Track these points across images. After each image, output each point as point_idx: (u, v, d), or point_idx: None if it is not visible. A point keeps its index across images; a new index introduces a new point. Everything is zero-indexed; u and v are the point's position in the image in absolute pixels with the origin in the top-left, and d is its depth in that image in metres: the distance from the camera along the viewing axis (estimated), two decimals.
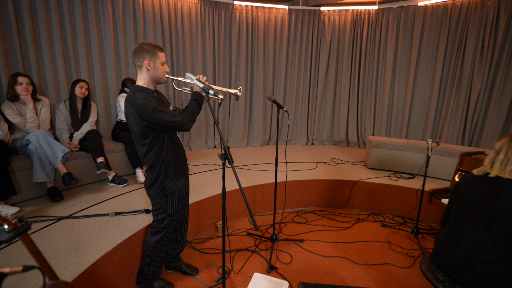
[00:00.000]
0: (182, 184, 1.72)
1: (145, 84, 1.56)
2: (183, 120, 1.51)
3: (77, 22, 3.12)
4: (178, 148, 1.68)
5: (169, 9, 3.86)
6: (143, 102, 1.43)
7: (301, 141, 4.95)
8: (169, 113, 1.48)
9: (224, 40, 4.35)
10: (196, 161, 3.78)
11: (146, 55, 1.50)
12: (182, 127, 1.52)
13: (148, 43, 1.52)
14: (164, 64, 1.59)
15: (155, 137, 1.55)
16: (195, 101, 1.63)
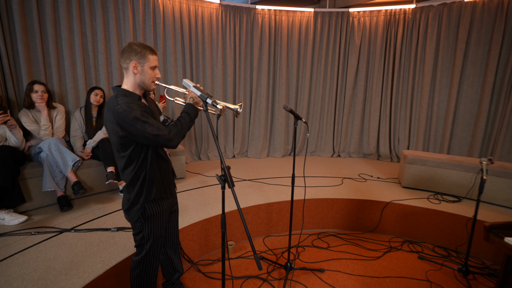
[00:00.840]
0: (166, 206, 1.49)
1: (131, 89, 1.36)
2: (169, 135, 1.29)
3: (98, 30, 3.14)
4: (164, 163, 1.46)
5: (190, 15, 3.78)
6: (123, 109, 1.22)
7: (326, 152, 4.58)
8: (154, 125, 1.26)
9: (245, 46, 4.19)
10: (212, 172, 3.60)
11: (133, 57, 1.31)
12: (167, 143, 1.30)
13: (139, 43, 1.33)
14: (155, 69, 1.38)
15: (136, 149, 1.34)
16: (187, 115, 1.39)
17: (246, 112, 4.44)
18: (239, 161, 4.20)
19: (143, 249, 1.45)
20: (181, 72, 3.83)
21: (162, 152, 1.46)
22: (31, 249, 1.84)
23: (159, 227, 1.47)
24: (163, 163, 1.46)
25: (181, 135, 1.36)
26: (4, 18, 2.60)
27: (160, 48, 3.63)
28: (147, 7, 3.45)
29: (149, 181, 1.39)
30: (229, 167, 1.22)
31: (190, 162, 4.06)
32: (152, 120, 1.29)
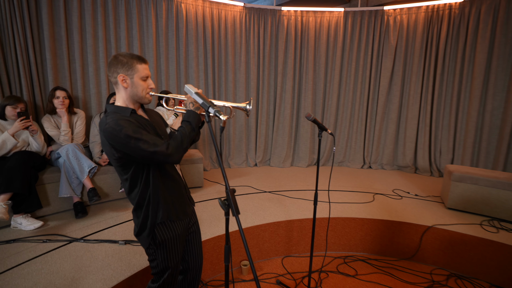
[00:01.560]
0: (180, 229, 1.30)
1: (125, 105, 1.22)
2: (168, 151, 1.12)
3: (122, 36, 3.15)
4: (171, 181, 1.29)
5: (213, 19, 3.70)
6: (112, 127, 1.08)
7: (355, 163, 4.20)
8: (149, 141, 1.10)
9: (269, 50, 4.01)
10: (232, 181, 3.44)
11: (120, 69, 1.16)
12: (167, 159, 1.13)
13: (125, 53, 1.18)
14: (147, 79, 1.22)
15: (137, 169, 1.20)
16: (187, 124, 1.21)
17: (269, 118, 4.23)
18: (260, 170, 3.99)
19: (160, 277, 1.28)
20: (202, 77, 3.75)
21: (170, 169, 1.28)
22: (37, 259, 1.79)
23: (174, 255, 1.29)
24: (169, 181, 1.27)
25: (182, 148, 1.17)
26: (34, 27, 2.68)
27: (182, 53, 3.58)
28: (170, 12, 3.42)
29: (153, 203, 1.22)
30: (234, 191, 1.01)
31: (210, 170, 3.94)
32: (147, 135, 1.12)
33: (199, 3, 3.57)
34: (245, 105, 1.36)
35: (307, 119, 1.67)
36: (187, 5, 3.51)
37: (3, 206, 2.00)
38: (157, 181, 1.22)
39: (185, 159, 3.08)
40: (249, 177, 3.65)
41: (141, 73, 1.18)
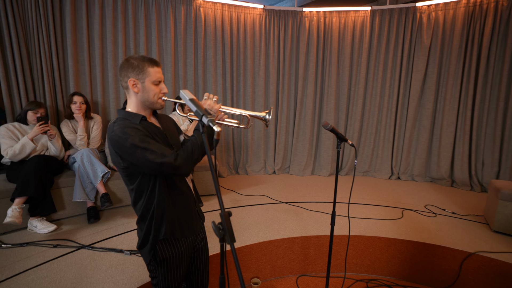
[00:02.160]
0: (185, 247, 1.19)
1: (136, 110, 1.14)
2: (176, 162, 1.02)
3: (141, 42, 3.17)
4: (178, 195, 1.18)
5: (232, 22, 3.62)
6: (118, 136, 1.01)
7: (382, 173, 3.87)
8: (157, 151, 1.02)
9: (290, 53, 3.84)
10: (248, 190, 3.29)
11: (131, 73, 1.08)
12: (175, 171, 1.04)
13: (138, 56, 1.11)
14: (160, 83, 1.13)
15: (144, 180, 1.11)
16: (199, 133, 1.12)
17: (289, 124, 4.05)
18: (279, 178, 3.81)
19: None
20: (220, 82, 3.67)
21: (179, 181, 1.17)
22: (44, 266, 1.77)
23: (175, 275, 1.18)
24: (178, 195, 1.17)
25: (192, 160, 1.07)
26: (58, 35, 2.76)
27: (200, 58, 3.53)
28: (189, 17, 3.39)
29: (157, 217, 1.13)
30: (230, 214, 0.86)
31: (227, 176, 3.83)
32: (155, 145, 1.03)
33: (218, 7, 3.51)
34: (264, 115, 1.25)
35: (324, 128, 1.49)
36: (206, 9, 3.47)
37: (17, 210, 2.02)
38: (163, 194, 1.13)
39: (199, 166, 3.00)
40: (266, 185, 3.48)
41: (153, 77, 1.10)
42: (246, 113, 1.29)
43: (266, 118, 1.28)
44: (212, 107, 1.18)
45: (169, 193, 1.15)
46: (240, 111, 1.29)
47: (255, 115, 1.30)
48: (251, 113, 1.29)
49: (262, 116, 1.28)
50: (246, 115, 1.28)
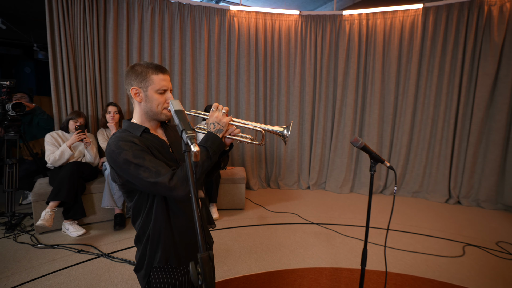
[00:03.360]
0: (183, 276, 1.04)
1: (140, 121, 1.05)
2: (170, 183, 0.90)
3: (175, 53, 3.25)
4: (179, 216, 1.04)
5: (266, 30, 3.52)
6: (111, 150, 0.93)
7: (436, 195, 3.29)
8: (151, 169, 0.91)
9: (328, 59, 3.58)
10: (277, 206, 3.07)
11: (134, 81, 1.00)
12: (169, 193, 0.91)
13: (145, 62, 1.02)
14: (165, 92, 1.02)
15: (141, 198, 1.01)
16: (203, 150, 0.98)
17: (326, 136, 3.74)
18: (313, 195, 3.50)
19: None
20: (253, 91, 3.57)
21: (180, 202, 1.04)
22: (63, 272, 1.80)
23: None
24: (179, 217, 1.03)
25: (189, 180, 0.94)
26: (102, 49, 2.96)
27: (233, 67, 3.49)
28: (223, 27, 3.39)
29: (153, 241, 1.01)
30: (210, 257, 0.69)
31: (258, 190, 3.66)
32: (150, 161, 0.92)
33: (252, 15, 3.45)
34: (281, 130, 1.06)
35: (354, 145, 1.23)
36: (240, 18, 3.43)
37: (49, 213, 2.13)
38: (160, 216, 1.00)
39: (226, 178, 2.89)
40: (298, 202, 3.22)
41: (157, 85, 1.00)
42: (260, 127, 1.11)
43: (284, 134, 1.08)
44: (220, 119, 1.03)
45: (168, 214, 1.02)
46: (254, 124, 1.11)
47: (271, 130, 1.11)
48: (266, 127, 1.11)
49: (279, 132, 1.09)
50: (260, 129, 1.10)
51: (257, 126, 1.11)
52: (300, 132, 3.75)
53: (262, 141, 1.14)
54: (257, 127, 1.11)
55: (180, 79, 3.30)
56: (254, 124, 1.12)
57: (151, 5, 3.05)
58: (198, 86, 3.41)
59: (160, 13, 3.11)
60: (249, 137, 1.14)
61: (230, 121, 1.07)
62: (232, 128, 1.09)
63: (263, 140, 1.14)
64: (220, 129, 1.03)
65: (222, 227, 2.50)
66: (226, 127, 1.05)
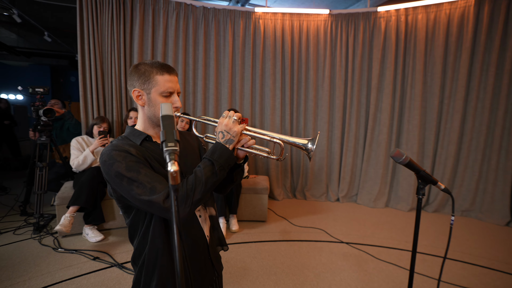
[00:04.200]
0: None
1: (143, 128, 0.93)
2: (166, 203, 0.76)
3: (199, 57, 3.19)
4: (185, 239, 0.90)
5: (293, 32, 3.34)
6: (104, 160, 0.81)
7: (494, 216, 2.80)
8: (145, 184, 0.77)
9: (361, 61, 3.28)
10: (303, 219, 2.82)
11: (136, 82, 0.87)
12: (166, 214, 0.78)
13: (148, 61, 0.89)
14: (171, 95, 0.89)
15: (137, 216, 0.88)
16: (208, 163, 0.84)
17: (358, 144, 3.42)
18: (343, 208, 3.20)
19: None
20: (279, 96, 3.39)
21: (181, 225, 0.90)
22: (75, 280, 1.76)
23: None
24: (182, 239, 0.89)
25: (191, 201, 0.78)
26: (128, 56, 2.99)
27: (258, 71, 3.35)
28: (248, 30, 3.27)
29: (148, 266, 0.87)
30: None
31: (282, 200, 3.44)
32: (146, 175, 0.79)
33: (278, 17, 3.29)
34: (305, 143, 0.87)
35: (396, 160, 0.98)
36: (266, 20, 3.29)
37: (68, 219, 2.12)
38: (158, 239, 0.86)
39: (247, 188, 2.72)
40: (326, 216, 2.94)
41: (161, 87, 0.86)
42: (279, 139, 0.92)
43: (308, 148, 0.88)
44: (231, 128, 0.86)
45: (168, 237, 0.87)
46: (272, 135, 0.93)
47: (292, 142, 0.92)
48: (287, 138, 0.92)
49: (302, 145, 0.89)
50: (278, 141, 0.91)
51: (275, 137, 0.92)
52: (329, 140, 3.47)
53: (281, 156, 0.95)
54: (275, 139, 0.92)
55: (204, 84, 3.23)
56: (272, 135, 0.93)
57: (176, 10, 3.04)
58: (221, 91, 3.32)
59: (185, 18, 3.09)
60: (265, 150, 0.96)
61: (242, 130, 0.90)
62: (245, 138, 0.92)
63: (282, 154, 0.95)
64: (230, 139, 0.86)
65: (242, 241, 2.32)
66: (237, 137, 0.88)
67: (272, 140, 0.93)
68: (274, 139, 0.93)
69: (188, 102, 3.24)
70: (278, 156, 0.96)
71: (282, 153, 0.95)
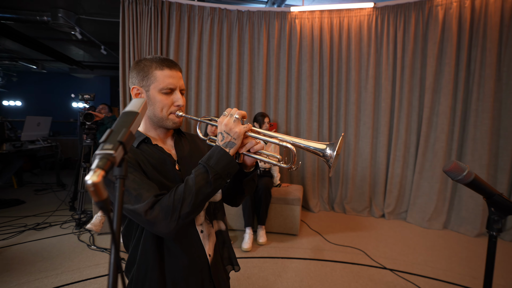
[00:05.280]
0: None
1: (144, 129, 0.85)
2: (149, 215, 0.66)
3: (233, 61, 3.14)
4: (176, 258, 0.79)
5: (332, 30, 3.08)
6: None
7: None
8: (133, 191, 0.68)
9: (412, 57, 2.87)
10: (339, 236, 2.52)
11: (135, 78, 0.80)
12: (150, 228, 0.68)
13: (150, 56, 0.81)
14: (172, 92, 0.80)
15: (130, 225, 0.80)
16: (203, 170, 0.71)
17: (409, 153, 2.97)
18: (389, 226, 2.78)
19: None
20: (316, 99, 3.15)
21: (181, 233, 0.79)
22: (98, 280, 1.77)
23: None
24: (175, 259, 0.78)
25: (176, 213, 0.67)
26: None
27: (293, 73, 3.16)
28: (283, 31, 3.12)
29: (137, 281, 0.78)
30: None
31: (318, 212, 3.16)
32: (134, 181, 0.69)
33: (316, 15, 3.08)
34: (322, 148, 0.70)
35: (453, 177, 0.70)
36: (302, 20, 3.10)
37: (99, 218, 2.19)
38: (148, 254, 0.76)
39: (277, 197, 2.53)
40: (367, 234, 2.58)
41: (160, 83, 0.78)
42: (290, 143, 0.75)
43: (326, 154, 0.70)
44: (231, 129, 0.73)
45: (161, 253, 0.77)
46: (282, 137, 0.76)
47: (305, 146, 0.75)
48: (300, 142, 0.74)
49: (320, 150, 0.72)
50: (289, 146, 0.75)
51: (286, 141, 0.75)
52: (373, 147, 3.09)
53: (293, 164, 0.78)
54: (284, 142, 0.75)
55: (237, 88, 3.17)
56: (283, 137, 0.76)
57: (211, 16, 3.05)
58: (255, 95, 3.21)
59: (219, 23, 3.07)
60: (276, 156, 0.80)
61: (246, 132, 0.75)
62: (251, 142, 0.76)
63: (295, 162, 0.77)
64: (231, 141, 0.73)
65: (267, 256, 2.13)
66: (239, 140, 0.73)
67: (281, 144, 0.77)
68: (283, 142, 0.76)
69: (221, 107, 3.20)
70: (290, 165, 0.78)
71: (295, 160, 0.77)
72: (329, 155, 0.70)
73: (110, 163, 0.39)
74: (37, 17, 3.61)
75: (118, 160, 0.41)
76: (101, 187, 0.37)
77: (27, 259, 2.05)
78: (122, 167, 0.43)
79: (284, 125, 3.22)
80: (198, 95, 3.18)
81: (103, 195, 0.37)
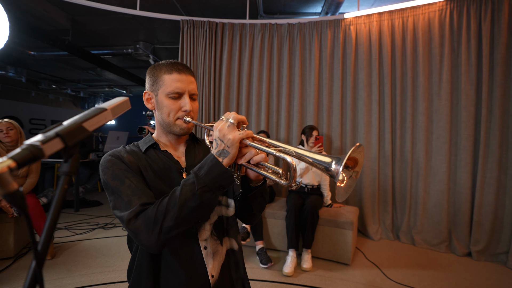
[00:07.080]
0: None
1: (156, 135, 0.84)
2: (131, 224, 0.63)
3: (284, 74, 3.08)
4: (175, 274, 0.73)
5: (393, 33, 2.74)
6: (100, 165, 0.75)
7: None
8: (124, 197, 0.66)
9: (506, 53, 2.29)
10: (404, 273, 2.08)
11: (147, 84, 0.81)
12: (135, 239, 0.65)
13: (162, 62, 0.80)
14: (180, 97, 0.77)
15: None
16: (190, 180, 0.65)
17: (506, 175, 2.32)
18: (478, 270, 2.18)
19: None
20: (376, 110, 2.80)
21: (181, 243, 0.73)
22: None
23: None
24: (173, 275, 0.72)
25: (158, 226, 0.62)
26: (217, 79, 3.23)
27: (349, 83, 2.90)
28: (336, 39, 2.94)
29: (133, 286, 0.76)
30: None
31: (379, 240, 2.71)
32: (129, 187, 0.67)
33: (374, 19, 2.80)
34: (328, 161, 0.59)
35: None
36: (358, 26, 2.86)
37: None
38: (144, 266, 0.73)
39: (326, 219, 2.26)
40: (444, 276, 2.06)
41: (167, 87, 0.76)
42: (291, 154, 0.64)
43: (331, 169, 0.58)
44: (224, 135, 0.65)
45: (158, 266, 0.73)
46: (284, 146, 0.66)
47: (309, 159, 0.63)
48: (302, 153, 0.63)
49: (325, 165, 0.59)
50: (289, 160, 0.63)
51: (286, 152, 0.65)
52: (451, 166, 2.53)
53: (293, 181, 0.65)
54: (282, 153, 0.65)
55: (288, 101, 3.08)
56: (284, 146, 0.65)
57: (261, 31, 3.10)
58: (307, 108, 3.06)
59: (270, 37, 3.09)
60: (277, 170, 0.68)
61: (242, 139, 0.65)
62: (250, 152, 0.66)
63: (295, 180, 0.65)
64: (225, 150, 0.65)
65: (310, 284, 1.88)
66: (234, 148, 0.64)
67: (278, 155, 0.64)
68: (285, 154, 0.64)
69: (271, 121, 3.15)
70: (289, 182, 0.65)
71: (295, 176, 0.64)
72: (334, 171, 0.56)
73: (31, 155, 0.34)
74: (124, 50, 4.31)
75: (48, 153, 0.36)
76: (8, 178, 0.31)
77: (91, 254, 2.29)
78: (69, 163, 0.38)
79: (339, 139, 2.94)
80: (249, 109, 3.20)
81: (9, 188, 0.31)
